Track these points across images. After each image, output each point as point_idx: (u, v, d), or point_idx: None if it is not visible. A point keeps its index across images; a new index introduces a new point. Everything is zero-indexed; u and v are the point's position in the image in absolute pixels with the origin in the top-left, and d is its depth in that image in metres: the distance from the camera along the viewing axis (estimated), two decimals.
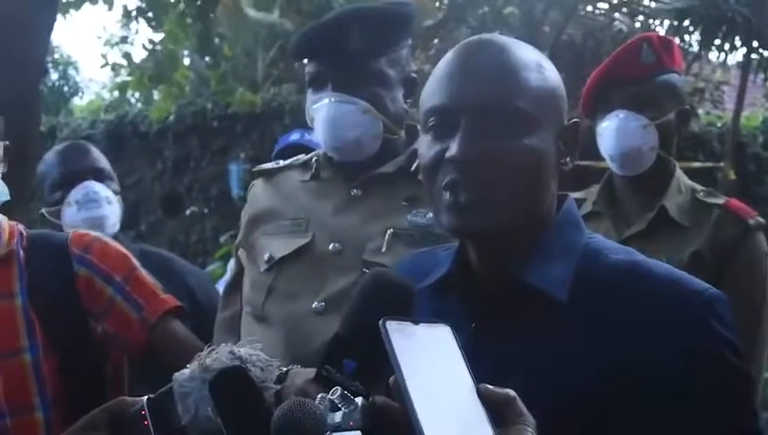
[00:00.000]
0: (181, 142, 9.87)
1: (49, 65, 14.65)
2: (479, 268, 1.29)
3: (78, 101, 18.45)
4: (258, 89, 9.85)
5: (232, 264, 2.56)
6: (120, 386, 1.87)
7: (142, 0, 10.11)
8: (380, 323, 1.01)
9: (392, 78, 1.95)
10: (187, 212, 9.74)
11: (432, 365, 1.02)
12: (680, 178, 2.40)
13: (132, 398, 1.30)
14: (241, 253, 2.10)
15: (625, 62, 2.35)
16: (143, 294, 1.86)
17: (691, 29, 7.72)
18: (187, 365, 1.27)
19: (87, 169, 2.64)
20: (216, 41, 10.47)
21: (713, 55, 8.39)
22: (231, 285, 2.17)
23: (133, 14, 10.98)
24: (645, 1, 9.22)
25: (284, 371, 1.54)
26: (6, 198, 1.78)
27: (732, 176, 7.58)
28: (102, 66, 14.31)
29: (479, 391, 1.02)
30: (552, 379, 1.17)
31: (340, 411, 1.06)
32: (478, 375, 1.04)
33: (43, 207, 2.71)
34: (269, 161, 2.21)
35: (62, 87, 18.08)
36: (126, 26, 14.67)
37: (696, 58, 8.27)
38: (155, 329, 1.84)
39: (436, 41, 9.18)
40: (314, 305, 1.85)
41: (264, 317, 1.91)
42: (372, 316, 1.05)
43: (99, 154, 2.74)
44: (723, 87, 10.44)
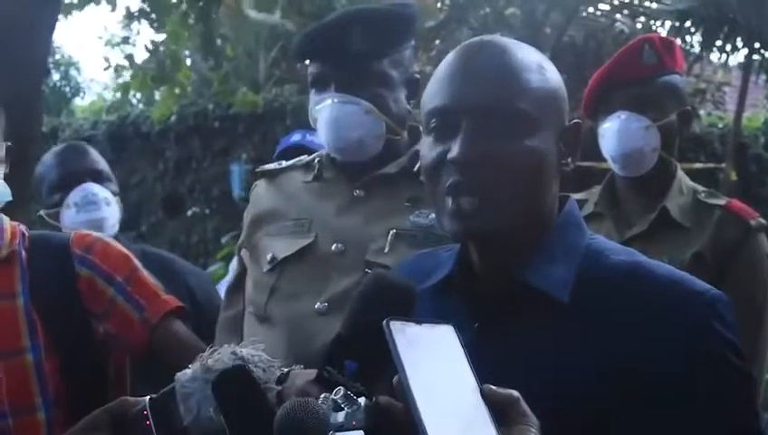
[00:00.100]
0: (183, 143, 9.87)
1: (50, 66, 14.64)
2: (481, 269, 1.29)
3: (79, 102, 18.47)
4: (260, 89, 9.85)
5: (234, 264, 2.56)
6: (122, 386, 1.87)
7: (144, 1, 10.10)
8: (384, 323, 1.01)
9: (395, 79, 1.95)
10: (189, 213, 9.74)
11: (435, 365, 1.02)
12: (682, 179, 2.40)
13: (134, 398, 1.30)
14: (244, 253, 2.10)
15: (627, 64, 2.35)
16: (145, 295, 1.86)
17: (692, 30, 7.72)
18: (189, 366, 1.27)
19: (85, 171, 2.62)
20: (219, 42, 10.46)
21: (714, 56, 8.39)
22: (234, 285, 2.17)
23: (135, 14, 10.97)
24: (646, 2, 9.23)
25: (286, 371, 1.54)
26: (8, 198, 1.78)
27: (733, 177, 7.58)
28: (106, 69, 14.30)
29: (482, 392, 1.03)
30: (554, 379, 1.17)
31: (343, 411, 1.06)
32: (480, 376, 1.04)
33: (41, 208, 2.69)
34: (271, 162, 2.21)
35: (63, 88, 18.08)
36: (127, 27, 14.69)
37: (698, 59, 8.26)
38: (156, 330, 1.84)
39: (437, 42, 9.18)
40: (317, 306, 1.85)
41: (267, 317, 1.91)
42: (373, 317, 1.05)
43: (97, 155, 2.71)
44: (724, 88, 10.44)
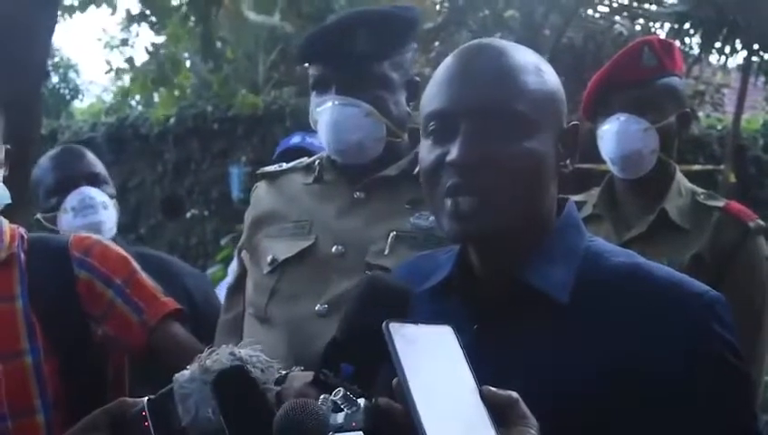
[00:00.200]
0: (182, 145, 9.88)
1: (49, 68, 14.64)
2: (480, 271, 1.29)
3: (78, 104, 18.48)
4: (259, 92, 9.86)
5: (233, 266, 2.55)
6: (121, 388, 1.87)
7: (144, 4, 10.10)
8: (383, 324, 1.01)
9: (395, 81, 1.95)
10: (188, 215, 9.74)
11: (435, 367, 1.02)
12: (680, 180, 2.40)
13: (133, 399, 1.30)
14: (244, 255, 2.10)
15: (626, 66, 2.35)
16: (143, 297, 1.86)
17: (691, 32, 7.71)
18: (187, 367, 1.27)
19: (82, 175, 2.60)
20: (219, 44, 10.47)
21: (713, 58, 8.39)
22: (234, 286, 2.17)
23: (135, 17, 10.97)
24: (645, 4, 9.23)
25: (284, 373, 1.54)
26: (8, 201, 1.78)
27: (732, 179, 7.58)
28: (107, 72, 14.32)
29: (482, 393, 1.03)
30: (554, 380, 1.17)
31: (342, 412, 1.06)
32: (480, 377, 1.04)
33: (38, 212, 2.66)
34: (270, 164, 2.21)
35: (62, 90, 18.07)
36: (126, 29, 14.69)
37: (697, 61, 8.26)
38: (155, 332, 1.84)
39: (436, 44, 9.18)
40: (317, 308, 1.85)
41: (267, 319, 1.91)
42: (369, 320, 1.05)
43: (93, 158, 2.68)
44: (723, 90, 10.45)
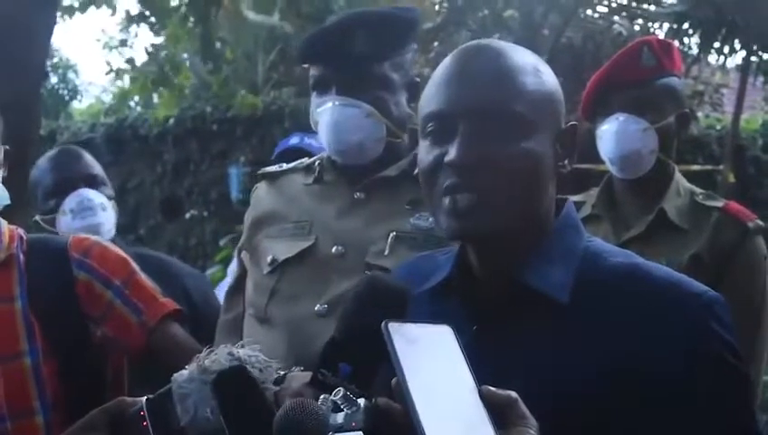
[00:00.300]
0: (181, 146, 9.88)
1: (48, 69, 14.65)
2: (480, 272, 1.29)
3: (77, 105, 18.48)
4: (258, 92, 9.85)
5: (232, 267, 2.55)
6: (120, 389, 1.87)
7: (143, 5, 10.11)
8: (382, 324, 1.01)
9: (396, 82, 1.95)
10: (187, 215, 9.74)
11: (434, 367, 1.02)
12: (679, 181, 2.40)
13: (131, 398, 1.30)
14: (244, 255, 2.10)
15: (625, 66, 2.35)
16: (142, 298, 1.86)
17: (690, 32, 7.70)
18: (186, 367, 1.27)
19: (80, 176, 2.59)
20: (218, 45, 10.47)
21: (712, 58, 8.38)
22: (234, 287, 2.16)
23: (135, 18, 10.98)
24: (644, 4, 9.23)
25: (283, 374, 1.54)
26: (7, 201, 1.78)
27: (731, 179, 7.58)
28: (107, 73, 14.32)
29: (481, 393, 1.03)
30: (554, 380, 1.17)
31: (342, 412, 1.06)
32: (480, 378, 1.04)
33: (36, 214, 2.65)
34: (269, 165, 2.21)
35: (61, 91, 18.07)
36: (125, 30, 14.70)
37: (696, 61, 8.25)
38: (154, 333, 1.84)
39: (435, 44, 9.18)
40: (317, 308, 1.85)
41: (267, 319, 1.91)
42: (367, 320, 1.05)
43: (91, 159, 2.67)
44: (722, 90, 10.43)
